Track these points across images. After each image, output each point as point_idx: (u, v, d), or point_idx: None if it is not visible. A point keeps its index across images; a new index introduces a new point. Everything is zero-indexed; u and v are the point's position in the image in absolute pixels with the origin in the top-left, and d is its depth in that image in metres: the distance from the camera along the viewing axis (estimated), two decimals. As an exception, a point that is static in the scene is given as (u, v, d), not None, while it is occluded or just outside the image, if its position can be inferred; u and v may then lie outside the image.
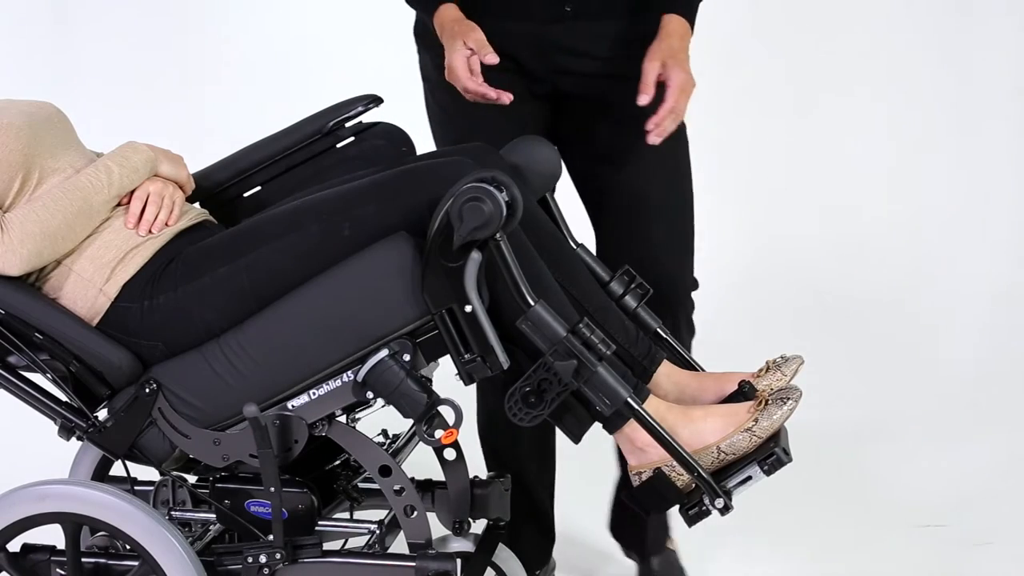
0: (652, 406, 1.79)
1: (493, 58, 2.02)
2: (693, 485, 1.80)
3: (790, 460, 1.77)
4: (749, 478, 1.78)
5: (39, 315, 1.89)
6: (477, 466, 2.06)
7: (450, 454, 1.98)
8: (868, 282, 3.92)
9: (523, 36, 2.19)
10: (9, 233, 1.86)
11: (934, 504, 3.02)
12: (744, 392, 1.88)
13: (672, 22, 2.08)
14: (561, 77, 2.23)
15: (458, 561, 1.90)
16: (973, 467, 3.22)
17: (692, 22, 2.11)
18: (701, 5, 2.17)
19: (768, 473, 1.76)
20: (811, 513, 2.47)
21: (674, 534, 2.47)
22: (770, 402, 1.80)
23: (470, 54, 2.05)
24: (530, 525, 2.46)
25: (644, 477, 1.83)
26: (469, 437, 1.93)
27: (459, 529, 2.02)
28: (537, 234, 1.92)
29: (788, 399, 1.80)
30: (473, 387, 1.83)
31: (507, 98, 2.03)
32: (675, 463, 1.79)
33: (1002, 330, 3.78)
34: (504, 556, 2.16)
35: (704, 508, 1.78)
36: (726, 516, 1.78)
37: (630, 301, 2.01)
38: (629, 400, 1.74)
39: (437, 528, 1.99)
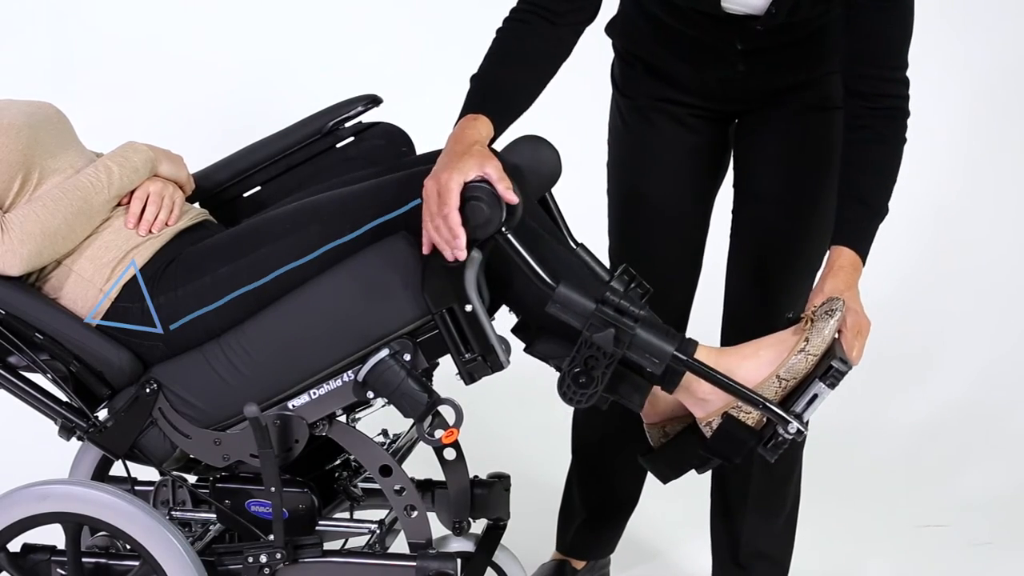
0: (702, 354, 1.78)
1: (512, 197, 1.72)
2: (764, 420, 1.78)
3: (849, 368, 1.75)
4: (816, 396, 1.76)
5: (39, 315, 1.89)
6: (477, 466, 2.06)
7: (450, 454, 1.98)
8: (868, 283, 3.91)
9: (695, 82, 2.17)
10: (9, 233, 1.86)
11: (935, 504, 3.03)
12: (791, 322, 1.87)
13: (841, 256, 1.90)
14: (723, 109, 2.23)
15: (458, 561, 1.90)
16: (974, 467, 3.22)
17: (865, 254, 1.92)
18: None
19: (832, 386, 1.74)
20: (812, 512, 2.46)
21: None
22: (816, 319, 1.79)
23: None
24: (610, 519, 2.53)
25: (715, 425, 1.81)
26: (469, 437, 1.93)
27: (459, 529, 2.03)
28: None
29: (834, 310, 1.79)
30: (473, 387, 1.83)
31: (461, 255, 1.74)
32: (740, 403, 1.78)
33: (1004, 330, 3.78)
34: (504, 556, 2.16)
35: (780, 439, 1.76)
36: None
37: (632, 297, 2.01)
38: (676, 353, 1.73)
39: (437, 528, 2.00)
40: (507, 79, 1.92)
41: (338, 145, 2.18)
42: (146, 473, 2.08)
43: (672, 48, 2.16)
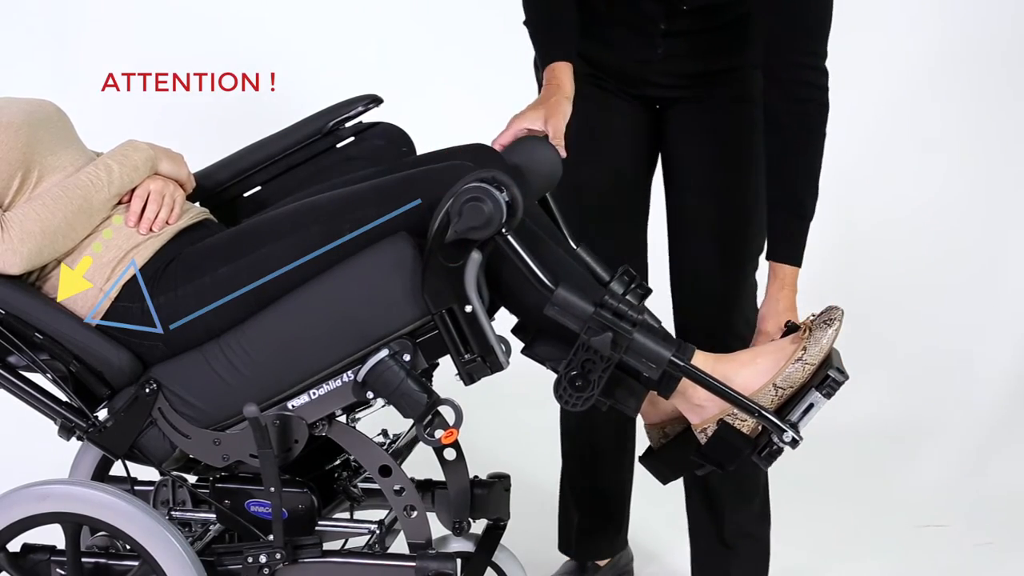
0: (699, 361, 1.79)
1: (561, 152, 1.97)
2: (760, 428, 1.79)
3: (846, 378, 1.76)
4: (812, 406, 1.76)
5: (39, 315, 1.89)
6: (477, 466, 2.06)
7: (450, 454, 1.98)
8: (870, 283, 3.91)
9: (614, 65, 2.21)
10: (9, 232, 1.86)
11: (935, 504, 3.03)
12: (789, 330, 1.89)
13: (787, 275, 2.02)
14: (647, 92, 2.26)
15: (458, 561, 1.90)
16: (975, 468, 3.22)
17: (800, 259, 2.04)
18: None
19: (828, 396, 1.75)
20: (812, 512, 2.47)
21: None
22: (814, 328, 1.80)
23: (526, 132, 1.99)
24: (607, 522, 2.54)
25: (710, 432, 1.82)
26: (469, 437, 1.93)
27: (459, 529, 2.02)
28: (537, 234, 1.92)
29: (833, 320, 1.80)
30: (473, 387, 1.83)
31: None
32: (736, 411, 1.78)
33: (1004, 328, 3.78)
34: (504, 556, 2.16)
35: (775, 447, 1.77)
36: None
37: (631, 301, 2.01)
38: (673, 358, 1.73)
39: (437, 528, 1.99)
40: (555, 16, 2.11)
41: (338, 145, 2.18)
42: (146, 473, 2.08)
43: (593, 29, 2.18)
